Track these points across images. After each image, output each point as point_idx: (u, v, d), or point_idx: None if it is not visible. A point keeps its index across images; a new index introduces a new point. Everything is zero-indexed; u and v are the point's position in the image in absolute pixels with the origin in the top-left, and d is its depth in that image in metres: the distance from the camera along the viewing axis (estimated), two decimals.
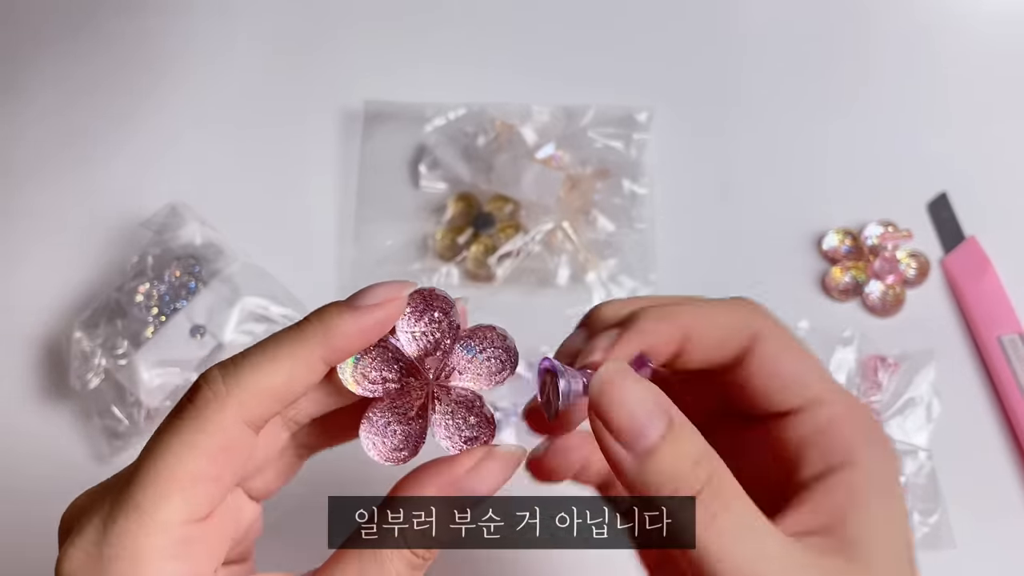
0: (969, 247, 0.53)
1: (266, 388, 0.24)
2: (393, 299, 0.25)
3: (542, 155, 0.54)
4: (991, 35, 0.61)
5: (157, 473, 0.23)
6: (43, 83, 0.59)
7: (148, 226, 0.51)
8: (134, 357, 0.47)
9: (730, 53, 0.61)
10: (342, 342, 0.25)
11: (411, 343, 0.26)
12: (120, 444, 0.47)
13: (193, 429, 0.23)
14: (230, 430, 0.24)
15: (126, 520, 0.23)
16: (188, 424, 0.23)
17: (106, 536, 0.23)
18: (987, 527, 0.46)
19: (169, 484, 0.23)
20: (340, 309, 0.25)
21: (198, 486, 0.23)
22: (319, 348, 0.24)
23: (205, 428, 0.23)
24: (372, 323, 0.25)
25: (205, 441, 0.23)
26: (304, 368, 0.24)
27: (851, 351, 0.49)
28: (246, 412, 0.24)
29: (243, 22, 0.62)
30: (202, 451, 0.23)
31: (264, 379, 0.24)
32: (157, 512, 0.23)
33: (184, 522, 0.23)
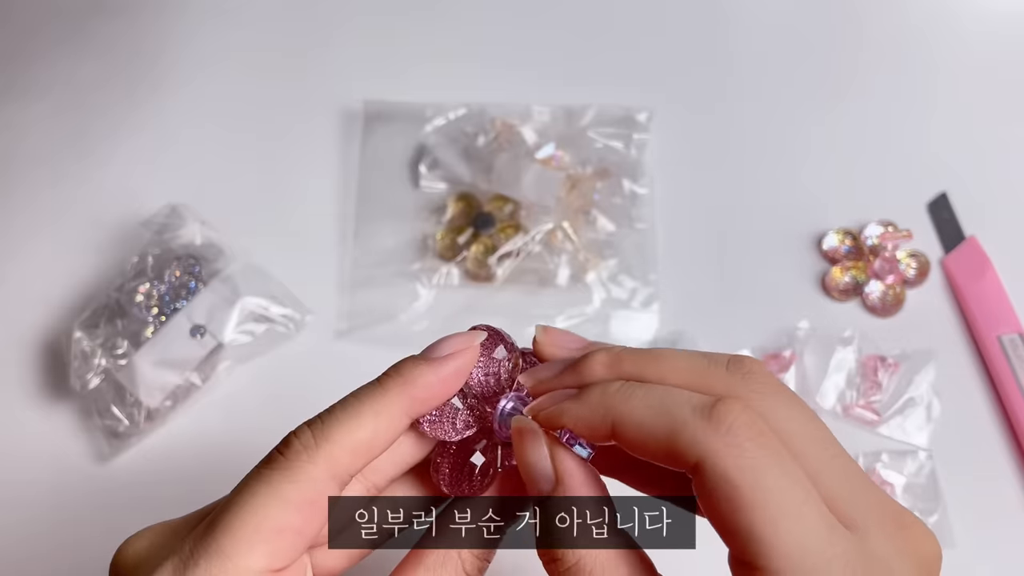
0: (969, 247, 0.53)
1: (353, 442, 0.24)
2: (467, 348, 0.26)
3: (542, 155, 0.54)
4: (991, 35, 0.61)
5: (243, 521, 0.23)
6: (43, 84, 0.59)
7: (148, 226, 0.51)
8: (134, 357, 0.47)
9: (730, 54, 0.61)
10: (423, 393, 0.25)
11: (482, 384, 0.27)
12: (119, 444, 0.47)
13: (283, 479, 0.24)
14: (319, 483, 0.24)
15: (208, 564, 0.23)
16: (278, 475, 0.24)
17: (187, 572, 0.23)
18: (987, 527, 0.46)
19: (256, 533, 0.23)
20: (417, 362, 0.26)
21: (284, 537, 0.23)
22: (402, 402, 0.25)
23: (295, 479, 0.24)
24: (450, 373, 0.26)
25: (294, 492, 0.24)
26: (387, 421, 0.25)
27: (851, 351, 0.49)
28: (335, 466, 0.24)
29: (243, 22, 0.62)
30: (291, 502, 0.24)
31: (351, 434, 0.24)
32: (240, 559, 0.23)
33: (264, 571, 0.23)
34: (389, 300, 0.52)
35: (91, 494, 0.47)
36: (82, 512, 0.47)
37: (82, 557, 0.46)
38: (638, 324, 0.51)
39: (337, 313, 0.52)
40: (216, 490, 0.47)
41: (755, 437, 0.22)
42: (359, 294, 0.52)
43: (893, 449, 0.47)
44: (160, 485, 0.47)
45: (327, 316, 0.52)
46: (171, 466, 0.48)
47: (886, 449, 0.47)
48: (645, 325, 0.51)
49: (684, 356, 0.25)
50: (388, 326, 0.51)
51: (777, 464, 0.22)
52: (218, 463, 0.47)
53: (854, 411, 0.48)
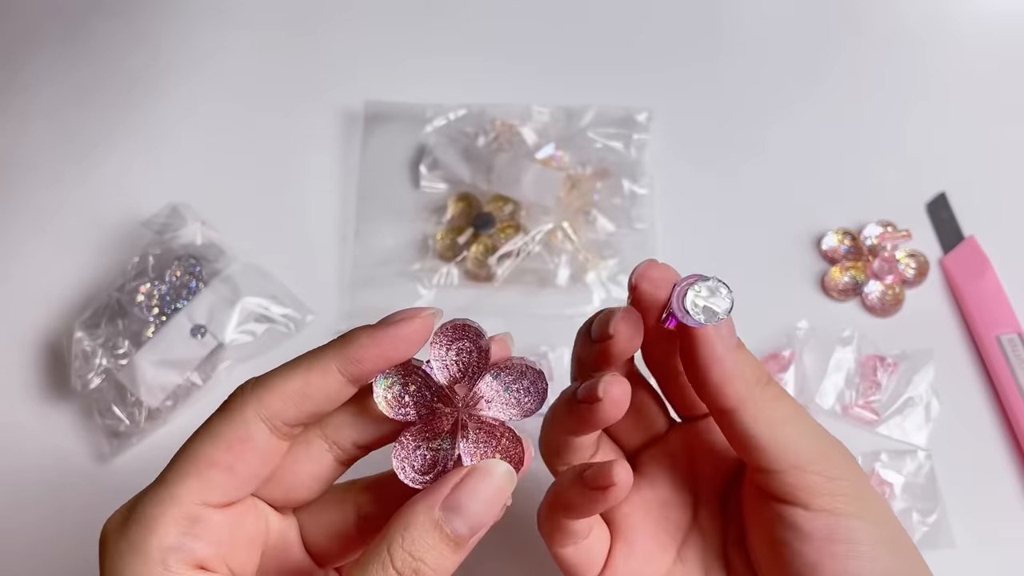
0: (968, 247, 0.53)
1: (284, 388, 0.27)
2: (411, 318, 0.27)
3: (542, 155, 0.54)
4: (990, 36, 0.61)
5: (183, 456, 0.27)
6: (42, 84, 0.60)
7: (149, 226, 0.51)
8: (135, 357, 0.47)
9: (729, 54, 0.61)
10: (357, 352, 0.27)
11: (442, 371, 0.28)
12: (120, 444, 0.48)
13: (217, 421, 0.27)
14: (248, 423, 0.26)
15: (153, 491, 0.26)
16: (215, 417, 0.27)
17: (136, 501, 0.27)
18: (986, 526, 0.46)
19: (190, 465, 0.26)
20: (362, 327, 0.27)
21: (213, 470, 0.26)
22: (334, 358, 0.27)
23: (227, 420, 0.27)
24: (388, 338, 0.27)
25: (224, 430, 0.26)
26: (319, 374, 0.27)
27: (850, 351, 0.49)
28: (264, 409, 0.26)
29: (242, 23, 0.62)
30: (221, 438, 0.26)
31: (283, 381, 0.27)
32: (175, 487, 0.26)
33: (196, 502, 0.26)
34: (389, 300, 0.52)
35: (92, 494, 0.47)
36: (83, 512, 0.47)
37: (82, 557, 0.46)
38: None
39: (338, 313, 0.52)
40: None
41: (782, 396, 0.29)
42: (359, 294, 0.52)
43: (892, 449, 0.47)
44: None
45: (328, 316, 0.52)
46: None
47: (885, 449, 0.47)
48: None
49: None
50: None
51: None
52: None
53: (853, 411, 0.48)
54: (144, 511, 0.26)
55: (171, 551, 0.26)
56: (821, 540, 0.28)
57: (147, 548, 0.25)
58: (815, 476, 0.28)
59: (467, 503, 0.25)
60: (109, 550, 0.26)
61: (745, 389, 0.28)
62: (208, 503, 0.26)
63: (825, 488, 0.28)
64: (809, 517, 0.28)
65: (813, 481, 0.28)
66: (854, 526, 0.28)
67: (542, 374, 0.28)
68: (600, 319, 0.29)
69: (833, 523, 0.28)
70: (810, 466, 0.28)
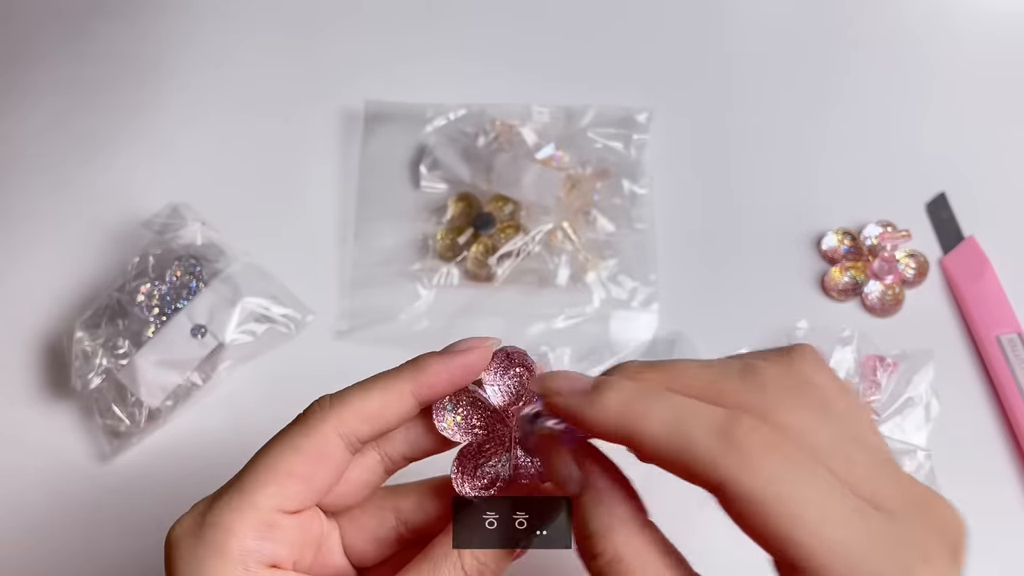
0: (968, 247, 0.53)
1: (362, 409, 0.29)
2: (477, 347, 0.30)
3: (542, 155, 0.54)
4: (989, 35, 0.62)
5: (261, 465, 0.28)
6: (44, 85, 0.60)
7: (149, 226, 0.51)
8: (135, 357, 0.47)
9: (729, 55, 0.61)
10: (430, 379, 0.29)
11: (497, 395, 0.30)
12: (120, 444, 0.48)
13: (297, 433, 0.29)
14: (327, 438, 0.28)
15: (228, 497, 0.28)
16: (295, 429, 0.29)
17: (210, 507, 0.28)
18: (986, 526, 0.45)
19: (268, 475, 0.28)
20: (430, 353, 0.30)
21: (293, 480, 0.28)
22: (409, 382, 0.29)
23: (307, 433, 0.28)
24: (457, 365, 0.29)
25: (304, 443, 0.28)
26: (396, 396, 0.29)
27: (850, 351, 0.49)
28: (342, 426, 0.29)
29: (243, 23, 0.62)
30: (301, 451, 0.28)
31: (361, 402, 0.29)
32: (253, 495, 0.28)
33: (273, 508, 0.28)
34: (390, 300, 0.52)
35: (92, 494, 0.47)
36: (83, 512, 0.47)
37: (84, 557, 0.46)
38: (638, 324, 0.51)
39: (338, 313, 0.52)
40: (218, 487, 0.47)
41: (770, 451, 0.22)
42: (360, 294, 0.52)
43: (892, 448, 0.47)
44: (162, 484, 0.47)
45: (328, 316, 0.52)
46: (172, 465, 0.48)
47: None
48: (645, 325, 0.51)
49: (696, 367, 0.26)
50: (388, 326, 0.51)
51: (795, 470, 0.22)
52: (219, 462, 0.47)
53: None
54: (222, 516, 0.28)
55: (250, 553, 0.27)
56: None
57: (227, 550, 0.27)
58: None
59: None
60: (182, 553, 0.27)
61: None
62: (284, 510, 0.28)
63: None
64: None
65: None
66: None
67: None
68: None
69: None
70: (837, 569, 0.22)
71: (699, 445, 0.23)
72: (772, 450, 0.22)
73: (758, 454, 0.22)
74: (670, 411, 0.24)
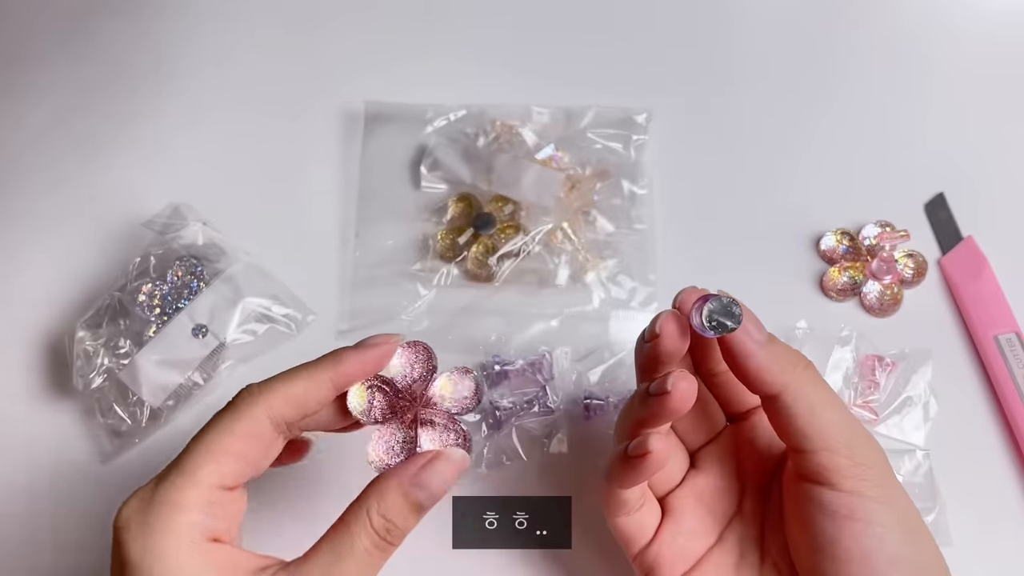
0: (966, 247, 0.53)
1: (287, 394, 0.33)
2: (384, 342, 0.34)
3: (542, 156, 0.54)
4: (988, 35, 0.62)
5: (200, 447, 0.32)
6: (43, 84, 0.60)
7: (150, 226, 0.51)
8: (136, 356, 0.47)
9: (728, 56, 0.61)
10: (345, 367, 0.34)
11: (403, 379, 0.36)
12: (122, 443, 0.48)
13: (229, 418, 0.32)
14: (257, 420, 0.32)
15: (172, 478, 0.31)
16: (226, 415, 0.32)
17: (155, 488, 0.31)
18: (985, 525, 0.46)
19: (206, 455, 0.31)
20: (346, 348, 0.34)
21: (228, 458, 0.32)
22: (328, 371, 0.33)
23: (238, 417, 0.32)
24: (369, 356, 0.34)
25: (237, 426, 0.32)
26: (316, 384, 0.33)
27: (849, 351, 0.49)
28: (270, 409, 0.32)
29: (243, 24, 0.62)
30: (235, 433, 0.32)
31: (285, 388, 0.33)
32: (196, 474, 0.31)
33: (214, 485, 0.31)
34: (390, 300, 0.52)
35: (94, 493, 0.48)
36: (84, 510, 0.47)
37: (83, 555, 0.46)
38: (637, 324, 0.51)
39: (339, 313, 0.52)
40: None
41: (820, 382, 0.34)
42: (360, 294, 0.52)
43: (890, 448, 0.47)
44: None
45: (329, 316, 0.52)
46: None
47: (883, 448, 0.47)
48: (644, 325, 0.51)
49: None
50: (389, 326, 0.51)
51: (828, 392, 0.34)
52: None
53: (852, 410, 0.48)
54: (169, 495, 0.30)
55: (196, 526, 0.30)
56: (842, 517, 0.32)
57: (175, 526, 0.30)
58: (844, 460, 0.32)
59: (430, 480, 0.33)
60: (133, 533, 0.30)
61: (782, 375, 0.33)
62: (223, 486, 0.32)
63: (852, 471, 0.32)
64: (834, 496, 0.32)
65: (841, 464, 0.32)
66: (873, 508, 0.32)
67: (474, 374, 0.36)
68: (650, 322, 0.35)
69: (855, 503, 0.32)
70: (841, 449, 0.33)
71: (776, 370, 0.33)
72: (821, 381, 0.34)
73: (818, 379, 0.34)
74: (780, 351, 0.34)
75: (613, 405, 0.48)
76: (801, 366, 0.34)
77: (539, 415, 0.47)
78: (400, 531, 0.33)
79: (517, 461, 0.47)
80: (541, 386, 0.48)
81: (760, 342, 0.33)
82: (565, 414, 0.48)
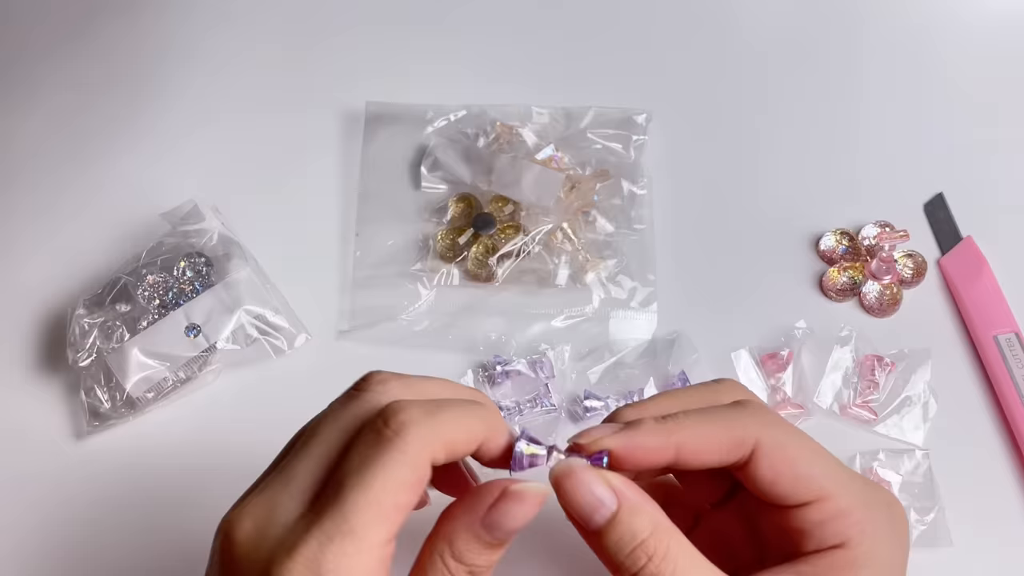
0: (965, 247, 0.53)
1: (454, 442, 0.28)
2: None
3: (542, 156, 0.54)
4: (987, 35, 0.62)
5: (369, 502, 0.26)
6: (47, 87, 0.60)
7: (168, 218, 0.51)
8: (126, 343, 0.47)
9: (727, 56, 0.61)
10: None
11: None
12: (98, 424, 0.48)
13: (400, 463, 0.27)
14: (425, 467, 0.27)
15: (343, 542, 0.26)
16: (396, 458, 0.27)
17: (324, 555, 0.26)
18: (984, 525, 0.46)
19: (379, 513, 0.26)
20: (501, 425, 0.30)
21: (400, 513, 0.27)
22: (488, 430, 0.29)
23: (410, 464, 0.27)
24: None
25: (410, 477, 0.27)
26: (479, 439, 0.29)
27: (848, 351, 0.49)
28: (434, 454, 0.27)
29: (243, 24, 0.62)
30: (407, 484, 0.27)
31: (456, 434, 0.28)
32: (367, 537, 0.26)
33: (384, 544, 0.27)
34: (390, 300, 0.52)
35: (63, 468, 0.48)
36: (48, 484, 0.48)
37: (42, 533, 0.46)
38: (637, 324, 0.51)
39: (339, 313, 0.52)
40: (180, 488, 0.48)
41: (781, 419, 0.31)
42: (360, 294, 0.52)
43: (890, 448, 0.47)
44: (127, 470, 0.47)
45: (329, 316, 0.52)
46: (141, 457, 0.48)
47: (883, 448, 0.47)
48: (644, 325, 0.51)
49: (689, 391, 0.33)
50: (389, 326, 0.51)
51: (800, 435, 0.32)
52: (186, 463, 0.48)
53: (851, 410, 0.48)
54: (339, 563, 0.26)
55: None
56: None
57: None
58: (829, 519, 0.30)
59: (500, 521, 0.28)
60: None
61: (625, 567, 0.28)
62: (389, 541, 0.27)
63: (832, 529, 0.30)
64: None
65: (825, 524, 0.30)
66: None
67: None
68: None
69: None
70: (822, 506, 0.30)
71: (739, 422, 0.30)
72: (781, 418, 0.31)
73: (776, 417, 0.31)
74: (705, 414, 0.31)
75: (612, 405, 0.48)
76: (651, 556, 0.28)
77: (542, 414, 0.47)
78: (484, 567, 0.29)
79: None
80: (543, 384, 0.48)
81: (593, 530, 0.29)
82: (567, 413, 0.48)
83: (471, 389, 0.32)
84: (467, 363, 0.50)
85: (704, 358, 0.49)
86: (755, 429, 0.30)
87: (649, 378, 0.48)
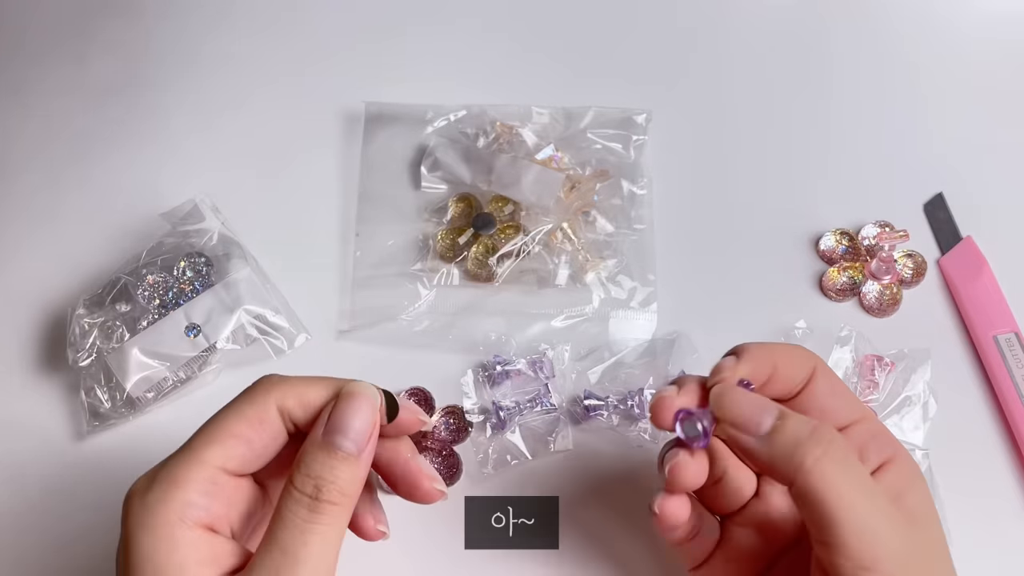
0: (965, 247, 0.53)
1: (302, 394, 0.33)
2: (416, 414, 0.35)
3: (542, 156, 0.54)
4: (987, 36, 0.62)
5: (209, 428, 0.32)
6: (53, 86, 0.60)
7: (168, 218, 0.51)
8: (126, 343, 0.47)
9: (727, 56, 0.62)
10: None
11: None
12: (98, 425, 0.48)
13: (242, 402, 0.33)
14: (268, 408, 0.32)
15: (178, 456, 0.32)
16: (241, 399, 0.33)
17: (163, 466, 0.32)
18: (984, 524, 0.46)
19: (213, 435, 0.32)
20: (370, 386, 0.33)
21: (233, 440, 0.32)
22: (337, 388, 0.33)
23: (251, 402, 0.32)
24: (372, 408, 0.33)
25: (248, 409, 0.32)
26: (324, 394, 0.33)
27: (848, 350, 0.49)
28: (282, 401, 0.32)
29: (243, 25, 0.62)
30: (244, 416, 0.32)
31: (303, 388, 0.33)
32: (200, 452, 0.31)
33: (217, 466, 0.31)
34: (390, 300, 0.52)
35: (62, 468, 0.48)
36: (48, 484, 0.48)
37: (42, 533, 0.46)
38: (637, 324, 0.51)
39: (339, 313, 0.52)
40: None
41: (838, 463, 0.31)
42: (360, 294, 0.53)
43: None
44: (127, 471, 0.46)
45: (329, 316, 0.52)
46: (140, 456, 0.47)
47: None
48: (644, 325, 0.51)
49: None
50: (389, 326, 0.51)
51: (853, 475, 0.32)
52: None
53: None
54: (172, 471, 0.31)
55: (191, 506, 0.30)
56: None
57: (172, 502, 0.30)
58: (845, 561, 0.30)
59: (342, 421, 0.31)
60: (135, 506, 0.30)
61: (787, 467, 0.31)
62: (226, 468, 0.32)
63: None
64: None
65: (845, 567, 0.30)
66: None
67: (462, 412, 0.46)
68: (661, 462, 0.36)
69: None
70: (846, 551, 0.30)
71: (803, 349, 0.36)
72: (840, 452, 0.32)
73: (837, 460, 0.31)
74: (782, 344, 0.36)
75: (612, 405, 0.48)
76: (816, 452, 0.31)
77: (542, 413, 0.47)
78: (332, 484, 0.31)
79: (523, 460, 0.47)
80: (543, 384, 0.48)
81: (759, 436, 0.32)
82: (567, 412, 0.48)
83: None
84: (467, 363, 0.50)
85: (704, 358, 0.50)
86: (814, 360, 0.35)
87: (649, 378, 0.48)
